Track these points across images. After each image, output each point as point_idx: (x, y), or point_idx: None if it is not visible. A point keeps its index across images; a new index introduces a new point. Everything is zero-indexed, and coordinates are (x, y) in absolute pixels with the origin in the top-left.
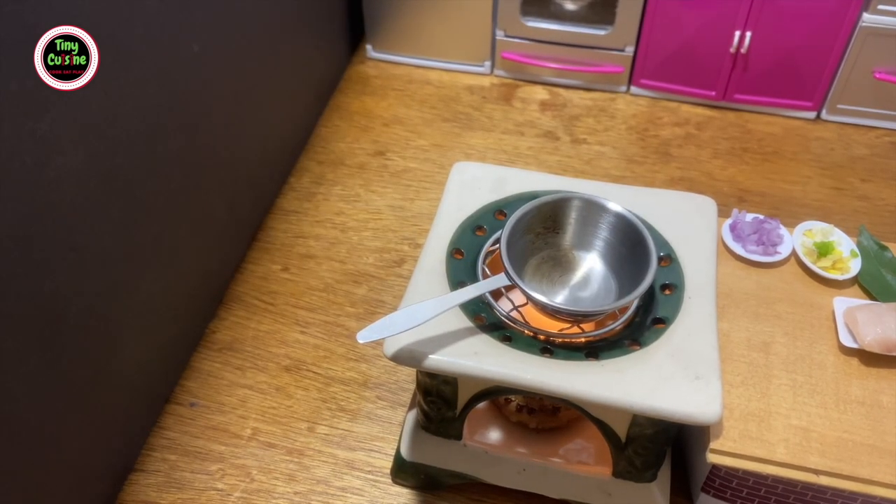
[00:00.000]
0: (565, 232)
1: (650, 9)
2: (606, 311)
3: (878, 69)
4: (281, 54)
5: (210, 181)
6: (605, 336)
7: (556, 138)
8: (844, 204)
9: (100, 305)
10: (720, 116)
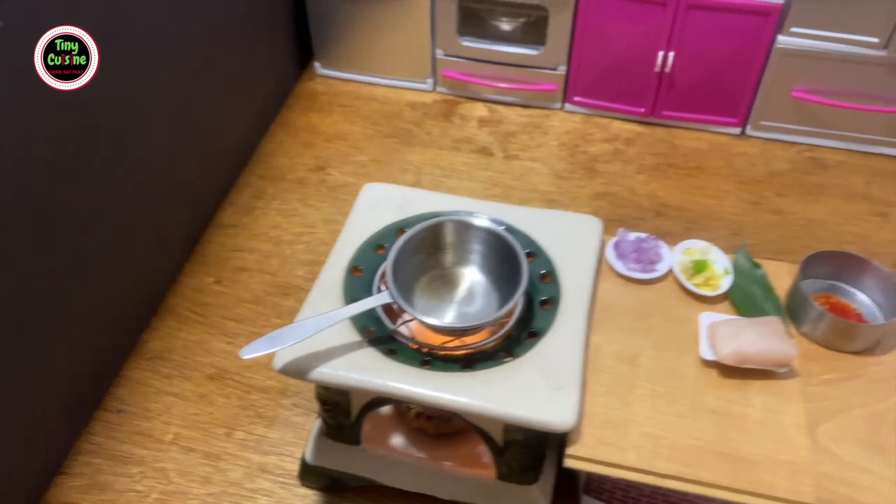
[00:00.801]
0: (451, 252)
1: (578, 30)
2: (474, 328)
3: (796, 88)
4: (225, 74)
5: (143, 197)
6: (482, 348)
7: (491, 154)
8: (758, 218)
9: (27, 318)
10: (649, 132)
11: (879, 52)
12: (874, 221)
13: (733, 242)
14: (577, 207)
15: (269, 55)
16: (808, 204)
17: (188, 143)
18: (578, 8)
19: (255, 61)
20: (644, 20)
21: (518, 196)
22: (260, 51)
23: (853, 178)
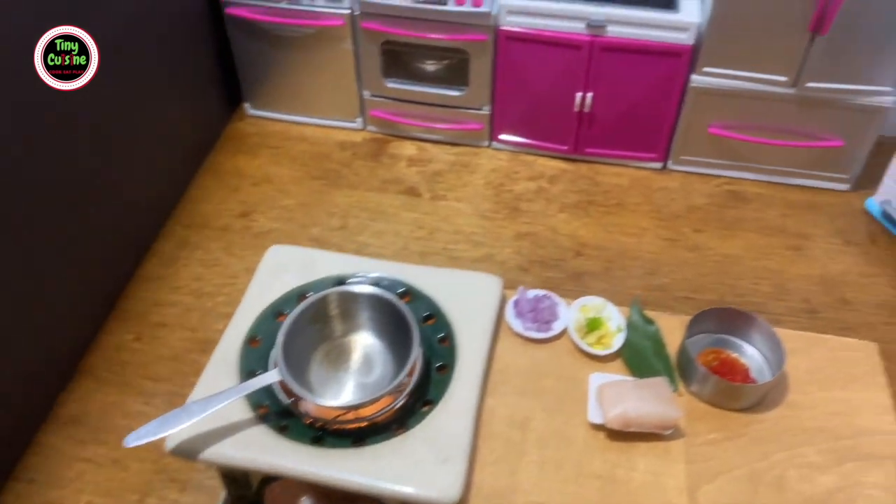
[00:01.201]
0: (347, 321)
1: (499, 73)
2: (361, 405)
3: (712, 124)
4: (147, 122)
5: (60, 253)
6: (376, 420)
7: (418, 195)
8: (674, 255)
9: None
10: (573, 169)
11: (789, 89)
12: (788, 256)
13: (649, 281)
14: (499, 248)
15: (195, 100)
16: (724, 239)
17: (108, 195)
18: (498, 52)
19: (180, 107)
20: (561, 63)
21: (443, 238)
22: (185, 96)
23: (770, 210)
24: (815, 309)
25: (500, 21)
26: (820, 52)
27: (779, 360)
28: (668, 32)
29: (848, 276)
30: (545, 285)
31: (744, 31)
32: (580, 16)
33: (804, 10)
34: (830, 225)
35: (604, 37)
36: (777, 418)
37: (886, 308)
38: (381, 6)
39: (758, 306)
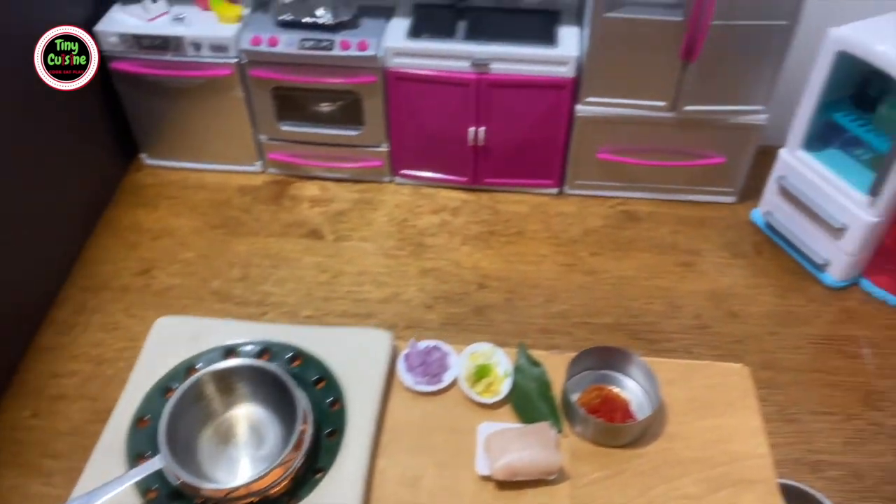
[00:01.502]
0: (233, 395)
1: (392, 112)
2: (244, 484)
3: (600, 150)
4: (35, 183)
5: None
6: (268, 494)
7: (321, 237)
8: (572, 281)
9: None
10: (475, 199)
11: (668, 113)
12: (678, 273)
13: (549, 309)
14: (404, 287)
15: (86, 155)
16: (619, 261)
17: (1, 268)
18: (388, 91)
19: (70, 164)
20: (451, 100)
21: (347, 281)
22: (74, 152)
23: (661, 228)
24: (705, 324)
25: (387, 63)
26: (693, 78)
27: (656, 394)
28: (549, 67)
29: (735, 289)
30: (449, 321)
31: (620, 62)
32: (464, 55)
33: (674, 40)
34: (719, 238)
35: (489, 74)
36: (657, 451)
37: (771, 318)
38: (267, 54)
39: (651, 326)
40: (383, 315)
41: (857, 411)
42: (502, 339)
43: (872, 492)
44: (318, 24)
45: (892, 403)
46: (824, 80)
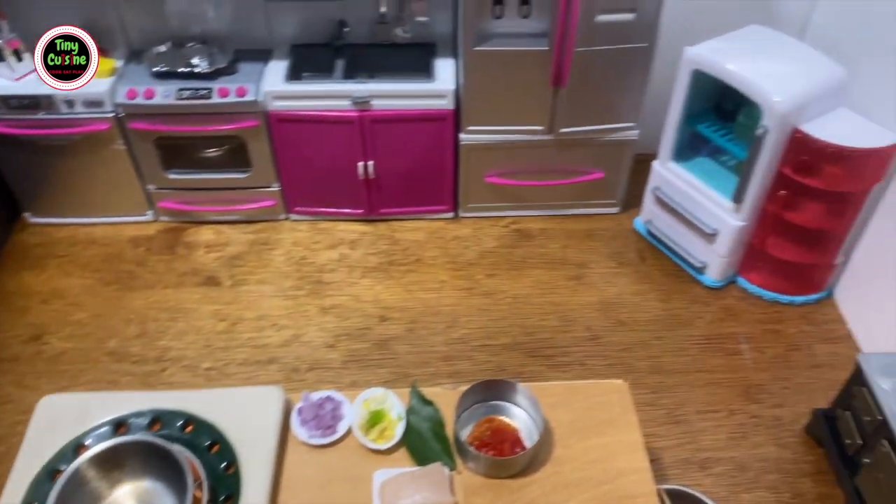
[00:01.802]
0: (123, 471)
1: (279, 152)
2: None
3: (488, 174)
4: None
5: None
6: None
7: (218, 283)
8: (471, 305)
9: None
10: (372, 230)
11: (546, 136)
12: (570, 286)
13: (450, 335)
14: (305, 328)
15: None
16: (514, 280)
17: None
18: (272, 133)
19: None
20: (336, 137)
21: (246, 327)
22: None
23: (552, 244)
24: (597, 335)
25: (268, 106)
26: (565, 102)
27: (541, 420)
28: (428, 100)
29: (623, 297)
30: (351, 359)
31: (495, 92)
32: (344, 94)
33: (543, 68)
34: (606, 249)
35: (371, 111)
36: (546, 477)
37: (657, 323)
38: (144, 107)
39: (547, 342)
40: (285, 359)
41: (738, 406)
42: (405, 371)
43: (755, 483)
44: (194, 72)
45: (770, 395)
46: (685, 96)
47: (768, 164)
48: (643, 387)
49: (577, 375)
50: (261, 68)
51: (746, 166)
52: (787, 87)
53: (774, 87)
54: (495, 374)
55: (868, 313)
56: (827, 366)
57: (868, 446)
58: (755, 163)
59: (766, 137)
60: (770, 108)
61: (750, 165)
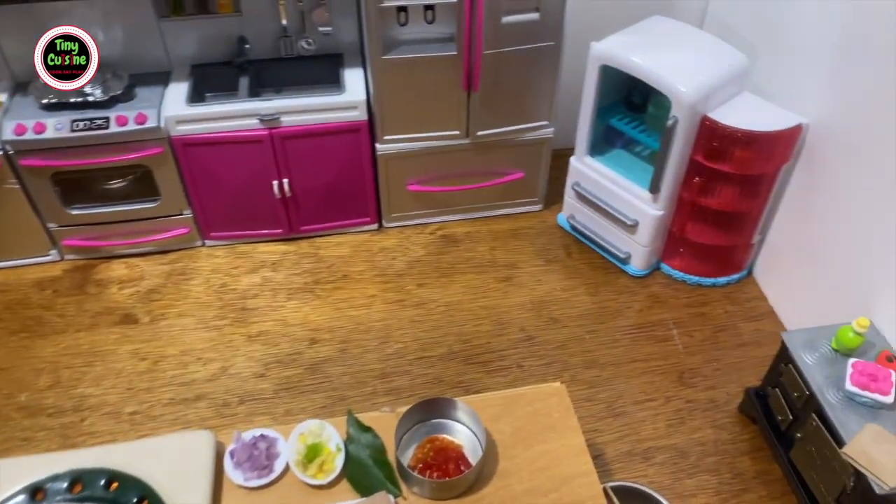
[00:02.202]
0: None
1: (188, 178)
2: None
3: (409, 182)
4: None
5: None
6: None
7: (135, 321)
8: (403, 317)
9: None
10: (294, 249)
11: (464, 140)
12: (501, 289)
13: (384, 351)
14: (232, 359)
15: None
16: (445, 287)
17: None
18: (179, 159)
19: None
20: (247, 158)
21: (170, 364)
22: None
23: (479, 247)
24: (531, 335)
25: (171, 131)
26: (479, 106)
27: (483, 435)
28: (339, 113)
29: (553, 294)
30: (284, 387)
31: (408, 100)
32: (250, 113)
33: (454, 73)
34: (532, 247)
35: (281, 128)
36: (493, 492)
37: (588, 317)
38: (36, 142)
39: (483, 347)
40: (214, 394)
41: (674, 392)
42: (341, 394)
43: (696, 467)
44: (88, 101)
45: (702, 378)
46: (595, 91)
47: (681, 153)
48: (580, 383)
49: (515, 378)
50: (160, 92)
51: (660, 156)
52: (692, 77)
53: (680, 77)
54: (433, 386)
55: (786, 288)
56: (753, 343)
57: (799, 421)
58: (668, 153)
59: (677, 127)
60: (678, 98)
61: (663, 155)
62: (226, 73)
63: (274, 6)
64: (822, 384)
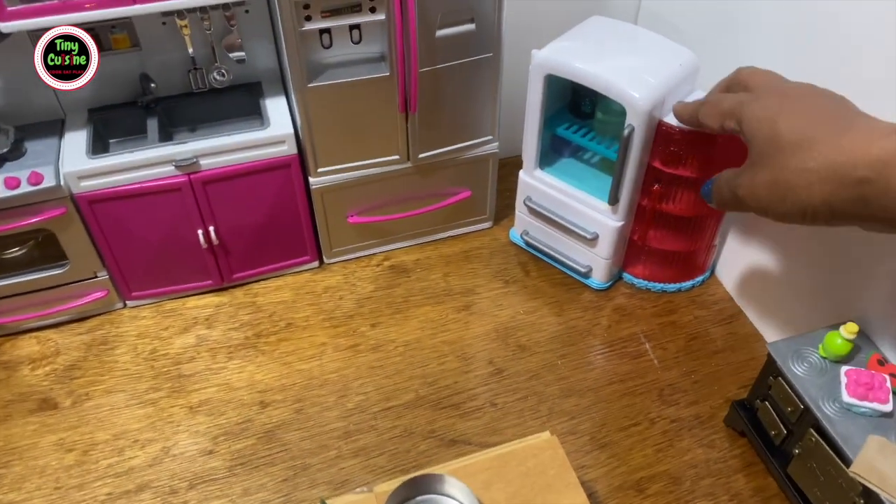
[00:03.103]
0: None
1: (99, 237)
2: None
3: (349, 215)
4: None
5: None
6: None
7: (55, 406)
8: (360, 364)
9: None
10: (229, 300)
11: (405, 164)
12: (461, 319)
13: (344, 406)
14: (173, 437)
15: None
16: (400, 325)
17: None
18: (86, 218)
19: None
20: (166, 208)
21: (103, 453)
22: None
23: (431, 275)
24: (500, 368)
25: (73, 189)
26: (419, 127)
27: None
28: (265, 149)
29: (517, 319)
30: (237, 462)
31: (341, 128)
32: (164, 160)
33: (388, 95)
34: (487, 269)
35: (200, 172)
36: None
37: (557, 340)
38: None
39: (451, 388)
40: (158, 482)
41: (656, 412)
42: (303, 463)
43: (692, 493)
44: None
45: (683, 393)
46: (541, 102)
47: (638, 161)
48: (560, 415)
49: (491, 419)
50: (55, 144)
51: (617, 167)
52: (645, 82)
53: (633, 83)
54: (404, 440)
55: (750, 286)
56: (728, 349)
57: (795, 435)
58: (626, 162)
59: (633, 136)
60: (633, 106)
61: (620, 165)
62: (130, 116)
63: (177, 36)
64: (816, 397)
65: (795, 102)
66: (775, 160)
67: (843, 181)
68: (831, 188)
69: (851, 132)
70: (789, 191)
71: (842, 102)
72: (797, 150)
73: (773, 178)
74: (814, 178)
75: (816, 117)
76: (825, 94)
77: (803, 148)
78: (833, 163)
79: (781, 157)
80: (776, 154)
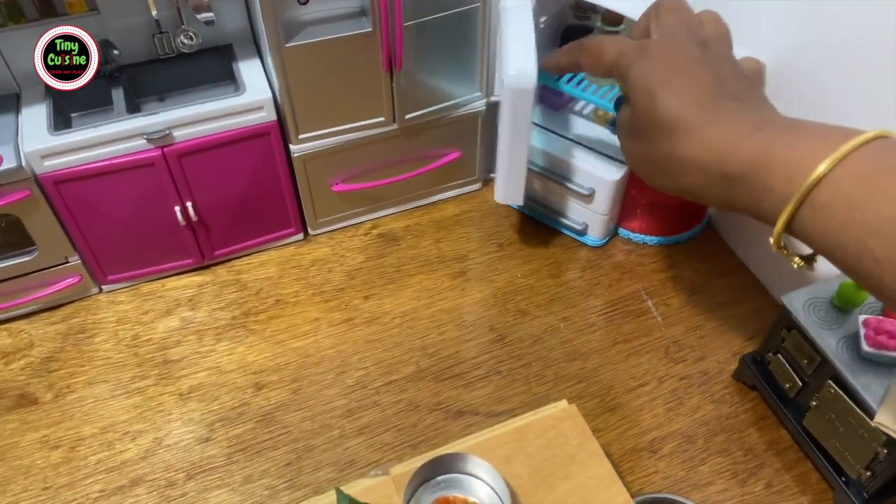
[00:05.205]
0: None
1: (68, 219)
2: None
3: (334, 183)
4: None
5: None
6: None
7: (35, 401)
8: (356, 339)
9: None
10: (212, 278)
11: (391, 126)
12: (457, 286)
13: (344, 383)
14: (165, 426)
15: None
16: (395, 295)
17: None
18: (53, 200)
19: None
20: (138, 184)
21: (90, 448)
22: None
23: (423, 241)
24: (502, 334)
25: (37, 169)
26: (404, 87)
27: (504, 490)
28: (242, 117)
29: (515, 283)
30: (236, 448)
31: (322, 90)
32: (133, 133)
33: (372, 52)
34: (480, 233)
35: (173, 144)
36: None
37: (557, 302)
38: None
39: (452, 358)
40: (153, 474)
41: (664, 371)
42: (306, 444)
43: (706, 451)
44: None
45: (689, 349)
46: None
47: None
48: (567, 379)
49: (497, 388)
50: (12, 121)
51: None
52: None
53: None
54: (409, 414)
55: (747, 235)
56: (731, 302)
57: (811, 387)
58: None
59: None
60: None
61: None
62: (94, 87)
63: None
64: (835, 349)
65: (679, 73)
66: (649, 137)
67: (708, 175)
68: (697, 180)
69: (724, 123)
70: (659, 170)
71: (732, 79)
72: (668, 133)
73: (645, 153)
74: (681, 167)
75: (694, 98)
76: (716, 64)
77: (672, 133)
78: (699, 158)
79: (653, 136)
80: (650, 131)
